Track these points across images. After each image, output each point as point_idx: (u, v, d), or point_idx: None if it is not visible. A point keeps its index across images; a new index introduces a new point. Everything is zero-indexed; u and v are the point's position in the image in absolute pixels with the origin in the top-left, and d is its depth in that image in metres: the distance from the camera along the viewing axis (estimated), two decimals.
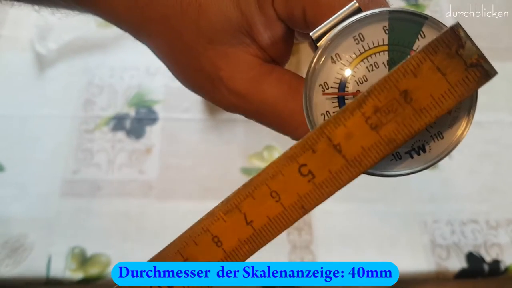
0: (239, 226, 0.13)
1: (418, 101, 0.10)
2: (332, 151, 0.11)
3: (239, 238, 0.12)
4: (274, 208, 0.13)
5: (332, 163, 0.12)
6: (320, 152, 0.11)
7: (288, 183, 0.12)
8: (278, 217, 0.12)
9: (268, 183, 0.12)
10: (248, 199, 0.12)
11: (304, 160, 0.12)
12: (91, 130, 0.43)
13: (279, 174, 0.12)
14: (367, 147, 0.11)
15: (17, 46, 0.48)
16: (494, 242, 0.40)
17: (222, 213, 0.12)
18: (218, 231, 0.13)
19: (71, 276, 0.37)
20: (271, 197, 0.12)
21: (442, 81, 0.10)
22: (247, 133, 0.44)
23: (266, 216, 0.12)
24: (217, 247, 0.13)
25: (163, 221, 0.40)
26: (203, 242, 0.13)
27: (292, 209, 0.12)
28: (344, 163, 0.12)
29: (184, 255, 0.13)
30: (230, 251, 0.12)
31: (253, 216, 0.12)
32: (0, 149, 0.42)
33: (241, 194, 0.12)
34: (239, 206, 0.12)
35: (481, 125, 0.46)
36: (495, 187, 0.43)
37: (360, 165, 0.12)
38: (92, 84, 0.46)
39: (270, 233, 0.12)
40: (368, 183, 0.42)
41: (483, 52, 0.48)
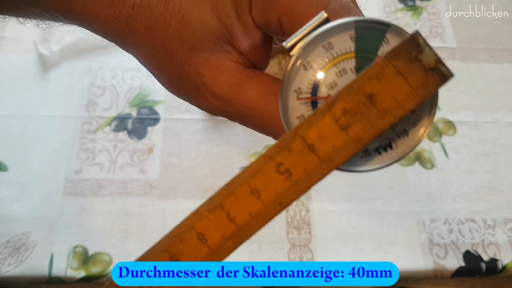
0: (223, 223, 0.13)
1: (382, 103, 0.11)
2: (306, 150, 0.12)
3: (223, 235, 0.13)
4: (255, 205, 0.13)
5: (306, 161, 0.12)
6: (295, 151, 0.12)
7: (267, 181, 0.13)
8: (258, 213, 0.13)
9: (248, 181, 0.14)
10: (231, 197, 0.13)
11: (281, 159, 0.13)
12: (93, 130, 0.44)
13: (258, 173, 0.13)
14: (337, 146, 0.12)
15: (20, 47, 0.48)
16: (491, 241, 0.40)
17: (206, 211, 0.13)
18: (203, 228, 0.13)
19: (73, 274, 0.37)
20: (252, 194, 0.13)
21: (403, 85, 0.11)
22: (247, 133, 0.45)
23: (247, 212, 0.13)
24: (202, 244, 0.14)
25: (164, 220, 0.40)
26: (189, 240, 0.13)
27: (272, 205, 0.13)
28: (317, 161, 0.13)
29: (171, 252, 0.13)
30: (214, 247, 0.13)
31: (236, 213, 0.13)
32: (3, 149, 0.42)
33: (224, 192, 0.13)
34: (222, 204, 0.13)
35: (478, 125, 0.46)
36: (493, 186, 0.43)
37: (332, 162, 0.12)
38: (94, 85, 0.46)
39: (251, 228, 0.13)
40: (367, 183, 0.43)
41: (482, 53, 0.49)
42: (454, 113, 0.47)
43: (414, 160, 0.44)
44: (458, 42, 0.51)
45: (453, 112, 0.47)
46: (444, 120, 0.46)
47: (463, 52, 0.51)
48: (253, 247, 0.39)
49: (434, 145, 0.45)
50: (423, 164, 0.44)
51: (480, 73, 0.49)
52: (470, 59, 0.50)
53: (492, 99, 0.48)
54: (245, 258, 0.39)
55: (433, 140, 0.45)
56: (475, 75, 0.49)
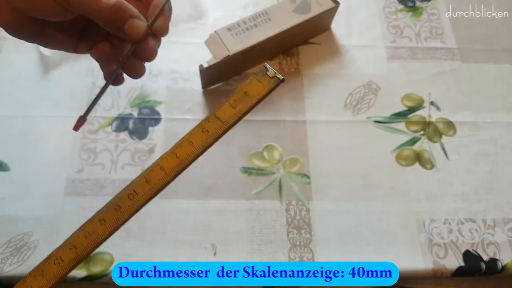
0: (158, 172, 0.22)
1: (250, 94, 0.23)
2: (216, 119, 0.23)
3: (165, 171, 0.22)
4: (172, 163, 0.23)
5: (216, 124, 0.23)
6: (211, 121, 0.24)
7: (196, 135, 0.24)
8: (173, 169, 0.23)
9: (187, 137, 0.25)
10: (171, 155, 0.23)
11: (204, 125, 0.24)
12: (94, 131, 0.44)
13: (193, 133, 0.24)
14: (231, 115, 0.24)
15: (22, 48, 0.48)
16: (491, 241, 0.40)
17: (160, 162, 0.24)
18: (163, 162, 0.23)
19: (74, 274, 0.37)
20: (189, 144, 0.24)
21: (260, 85, 0.23)
22: (248, 133, 0.45)
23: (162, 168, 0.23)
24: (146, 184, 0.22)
25: (164, 219, 0.40)
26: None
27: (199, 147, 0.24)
28: (220, 123, 0.23)
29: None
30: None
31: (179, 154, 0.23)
32: (5, 149, 0.42)
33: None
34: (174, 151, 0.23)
35: (478, 125, 0.46)
36: (492, 186, 0.43)
37: (228, 122, 0.23)
38: (96, 85, 0.46)
39: (167, 177, 0.22)
40: (367, 183, 0.43)
41: (482, 53, 0.49)
42: (454, 114, 0.47)
43: (414, 161, 0.44)
44: (458, 42, 0.51)
45: (453, 112, 0.47)
46: (443, 121, 0.47)
47: (462, 52, 0.51)
48: (254, 247, 0.39)
49: (434, 145, 0.45)
50: (423, 165, 0.44)
51: (479, 73, 0.50)
52: (470, 60, 0.50)
53: (491, 100, 0.48)
54: (245, 257, 0.39)
55: (433, 140, 0.45)
56: (475, 76, 0.49)
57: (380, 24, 0.52)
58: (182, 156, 0.21)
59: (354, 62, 0.50)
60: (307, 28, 0.48)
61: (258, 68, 0.49)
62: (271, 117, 0.46)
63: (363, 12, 0.53)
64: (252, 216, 0.41)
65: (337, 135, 0.45)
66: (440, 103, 0.48)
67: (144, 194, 0.20)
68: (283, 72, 0.49)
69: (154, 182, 0.20)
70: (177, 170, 0.20)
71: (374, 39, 0.51)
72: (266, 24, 0.45)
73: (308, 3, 0.47)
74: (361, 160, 0.44)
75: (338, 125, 0.46)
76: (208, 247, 0.39)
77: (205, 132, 0.21)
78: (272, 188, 0.42)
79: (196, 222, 0.40)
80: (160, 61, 0.48)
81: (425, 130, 0.46)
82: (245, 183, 0.42)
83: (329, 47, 0.50)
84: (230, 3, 0.53)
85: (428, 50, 0.51)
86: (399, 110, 0.47)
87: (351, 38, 0.51)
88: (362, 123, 0.46)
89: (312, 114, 0.46)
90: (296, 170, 0.43)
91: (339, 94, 0.47)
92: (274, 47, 0.48)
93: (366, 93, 0.48)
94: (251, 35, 0.44)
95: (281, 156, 0.44)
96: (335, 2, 0.47)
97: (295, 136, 0.45)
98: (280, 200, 0.42)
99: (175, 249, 0.39)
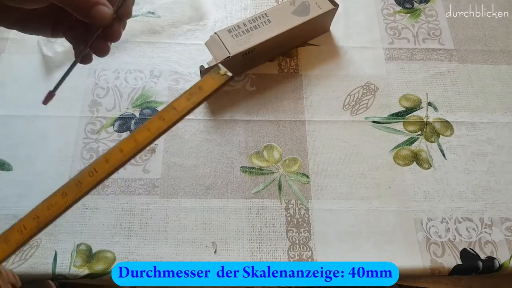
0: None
1: (203, 88, 0.25)
2: (171, 109, 0.25)
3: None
4: (130, 145, 0.25)
5: (172, 114, 0.25)
6: (167, 109, 0.25)
7: (153, 123, 0.25)
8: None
9: (146, 125, 0.26)
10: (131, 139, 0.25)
11: (163, 114, 0.25)
12: (96, 131, 0.44)
13: (150, 121, 0.25)
14: (185, 106, 0.25)
15: (24, 48, 0.49)
16: (488, 240, 0.41)
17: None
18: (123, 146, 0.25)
19: (77, 272, 0.38)
20: (147, 130, 0.25)
21: (213, 81, 0.25)
22: (248, 133, 0.45)
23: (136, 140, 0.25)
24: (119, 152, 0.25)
25: (166, 218, 0.41)
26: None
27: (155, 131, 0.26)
28: (176, 112, 0.25)
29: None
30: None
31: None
32: (8, 148, 0.43)
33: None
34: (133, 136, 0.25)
35: (475, 125, 0.47)
36: (489, 186, 0.44)
37: (181, 112, 0.25)
38: (98, 86, 0.47)
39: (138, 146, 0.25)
40: (365, 182, 0.43)
41: (479, 54, 0.50)
42: (451, 114, 0.47)
43: (412, 160, 0.45)
44: (455, 44, 0.52)
45: (450, 112, 0.47)
46: (441, 121, 0.47)
47: (460, 53, 0.51)
48: (254, 245, 0.40)
49: (431, 145, 0.46)
50: (421, 164, 0.44)
51: (477, 74, 0.50)
52: (467, 61, 0.51)
53: (489, 100, 0.48)
54: (245, 255, 0.39)
55: (431, 140, 0.46)
56: (472, 76, 0.50)
57: (379, 25, 0.53)
58: (139, 139, 0.24)
59: (353, 63, 0.50)
60: (306, 29, 0.48)
61: (258, 68, 0.49)
62: (271, 117, 0.46)
63: (362, 14, 0.54)
64: (252, 215, 0.41)
65: (336, 135, 0.45)
66: (438, 104, 0.48)
67: (102, 172, 0.24)
68: (282, 73, 0.49)
69: (112, 162, 0.23)
70: (134, 151, 0.24)
71: (372, 41, 0.52)
72: (266, 25, 0.45)
73: (307, 5, 0.47)
74: (359, 159, 0.44)
75: (337, 125, 0.46)
76: (208, 245, 0.40)
77: (161, 119, 0.24)
78: (272, 187, 0.42)
79: (197, 221, 0.41)
80: (161, 62, 0.49)
81: (422, 130, 0.46)
82: (245, 182, 0.43)
83: (328, 48, 0.51)
84: (231, 5, 0.54)
85: (426, 51, 0.51)
86: (397, 110, 0.47)
87: (350, 39, 0.52)
88: (361, 123, 0.46)
89: (311, 114, 0.47)
90: (296, 169, 0.43)
91: (337, 94, 0.48)
92: (273, 48, 0.48)
93: (365, 93, 0.48)
94: (251, 36, 0.44)
95: (280, 156, 0.44)
96: (334, 4, 0.48)
97: (295, 136, 0.45)
98: (279, 199, 0.42)
99: (176, 248, 0.39)
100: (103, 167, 0.23)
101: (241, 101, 0.47)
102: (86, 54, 0.31)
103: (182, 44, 0.50)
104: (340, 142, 0.45)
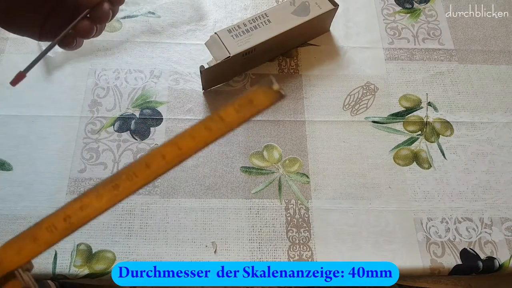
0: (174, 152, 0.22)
1: (256, 102, 0.23)
2: (219, 119, 0.23)
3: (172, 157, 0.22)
4: (174, 153, 0.22)
5: (219, 124, 0.23)
6: (215, 120, 0.23)
7: (196, 132, 0.23)
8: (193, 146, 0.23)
9: (178, 142, 0.23)
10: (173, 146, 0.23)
11: (208, 123, 0.23)
12: (96, 131, 0.44)
13: (192, 130, 0.23)
14: (234, 119, 0.23)
15: (24, 48, 0.49)
16: (488, 240, 0.41)
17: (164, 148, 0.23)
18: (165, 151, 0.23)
19: (77, 272, 0.38)
20: (178, 148, 0.22)
21: (265, 96, 0.23)
22: (248, 133, 0.45)
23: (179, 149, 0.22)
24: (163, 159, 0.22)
25: (166, 218, 0.41)
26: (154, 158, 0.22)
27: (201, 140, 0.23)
28: (224, 124, 0.23)
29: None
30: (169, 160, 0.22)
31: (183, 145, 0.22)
32: (8, 148, 0.43)
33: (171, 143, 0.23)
34: (177, 143, 0.22)
35: (475, 125, 0.47)
36: (489, 186, 0.44)
37: (231, 125, 0.23)
38: (98, 86, 0.47)
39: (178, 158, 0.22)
40: (365, 182, 0.43)
41: (479, 54, 0.50)
42: (451, 114, 0.47)
43: (412, 160, 0.45)
44: (455, 44, 0.52)
45: (450, 112, 0.47)
46: (441, 121, 0.47)
47: (460, 53, 0.51)
48: (254, 245, 0.40)
49: (431, 145, 0.46)
50: (421, 164, 0.45)
51: (477, 74, 0.50)
52: (467, 61, 0.51)
53: (489, 100, 0.49)
54: (245, 255, 0.39)
55: (431, 140, 0.46)
56: (472, 77, 0.50)
57: (378, 25, 0.53)
58: (184, 148, 0.21)
59: (353, 63, 0.50)
60: (306, 29, 0.48)
61: (258, 68, 0.49)
62: (271, 117, 0.46)
63: (362, 14, 0.54)
64: (252, 215, 0.41)
65: (335, 135, 0.46)
66: (438, 104, 0.48)
67: (143, 178, 0.21)
68: (282, 73, 0.49)
69: (154, 168, 0.20)
70: (177, 160, 0.21)
71: (372, 41, 0.52)
72: (266, 26, 0.45)
73: (307, 5, 0.47)
74: (359, 159, 0.44)
75: (337, 125, 0.46)
76: (208, 245, 0.40)
77: (208, 129, 0.22)
78: (272, 187, 0.42)
79: (197, 221, 0.41)
80: (161, 62, 0.49)
81: (422, 130, 0.46)
82: (245, 182, 0.43)
83: (328, 48, 0.51)
84: (231, 5, 0.54)
85: (426, 51, 0.51)
86: (397, 110, 0.47)
87: (350, 39, 0.52)
88: (361, 123, 0.46)
89: (311, 114, 0.47)
90: (296, 169, 0.44)
91: (337, 94, 0.48)
92: (273, 49, 0.48)
93: (365, 93, 0.48)
94: (251, 36, 0.45)
95: (280, 156, 0.44)
96: (334, 4, 0.48)
97: (295, 136, 0.45)
98: (279, 199, 0.42)
99: (176, 248, 0.39)
100: (144, 172, 0.21)
101: None
102: (69, 36, 0.28)
103: (182, 44, 0.50)
104: (340, 142, 0.45)
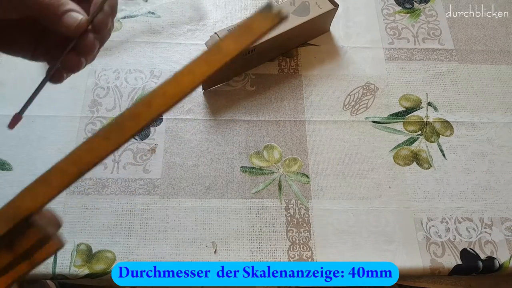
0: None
1: (256, 29, 0.20)
2: (216, 50, 0.21)
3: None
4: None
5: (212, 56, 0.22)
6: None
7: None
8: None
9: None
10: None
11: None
12: (96, 131, 0.44)
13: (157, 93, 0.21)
14: (236, 46, 0.21)
15: None
16: (488, 240, 0.41)
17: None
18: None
19: (77, 272, 0.38)
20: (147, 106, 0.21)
21: (266, 20, 0.20)
22: (248, 133, 0.45)
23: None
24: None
25: (166, 218, 0.41)
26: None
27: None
28: (221, 55, 0.22)
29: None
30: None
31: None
32: (8, 148, 0.43)
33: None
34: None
35: (475, 125, 0.47)
36: (489, 186, 0.44)
37: (230, 53, 0.21)
38: (98, 86, 0.47)
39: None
40: (365, 182, 0.43)
41: (479, 54, 0.50)
42: (451, 114, 0.47)
43: (412, 160, 0.45)
44: (455, 43, 0.52)
45: (450, 112, 0.47)
46: (441, 121, 0.47)
47: (460, 53, 0.51)
48: (254, 245, 0.40)
49: (431, 145, 0.46)
50: (421, 164, 0.45)
51: (477, 74, 0.50)
52: (467, 61, 0.51)
53: (488, 100, 0.49)
54: (245, 255, 0.39)
55: (430, 140, 0.46)
56: (472, 76, 0.50)
57: (379, 25, 0.53)
58: (184, 83, 0.21)
59: (353, 63, 0.50)
60: (307, 29, 0.48)
61: (258, 68, 0.49)
62: (271, 117, 0.46)
63: (362, 14, 0.54)
64: (252, 215, 0.41)
65: (335, 135, 0.46)
66: (438, 104, 0.48)
67: (144, 118, 0.20)
68: (282, 73, 0.49)
69: (156, 107, 0.20)
70: (177, 97, 0.21)
71: (372, 41, 0.52)
72: None
73: (307, 5, 0.47)
74: (359, 159, 0.44)
75: (337, 125, 0.46)
76: (208, 245, 0.40)
77: (207, 63, 0.21)
78: (272, 187, 0.42)
79: (197, 221, 0.41)
80: (161, 62, 0.49)
81: (422, 130, 0.46)
82: (245, 182, 0.43)
83: (328, 48, 0.51)
84: (231, 5, 0.54)
85: (426, 51, 0.51)
86: (397, 110, 0.47)
87: (350, 39, 0.52)
88: (361, 123, 0.46)
89: (311, 114, 0.47)
90: (296, 169, 0.44)
91: (337, 94, 0.48)
92: (274, 49, 0.48)
93: (364, 93, 0.48)
94: None
95: (280, 156, 0.44)
96: (334, 4, 0.48)
97: (295, 136, 0.45)
98: (279, 199, 0.42)
99: (176, 247, 0.39)
100: (146, 112, 0.20)
101: (241, 101, 0.47)
102: (57, 71, 0.28)
103: (182, 44, 0.50)
104: (340, 142, 0.45)
